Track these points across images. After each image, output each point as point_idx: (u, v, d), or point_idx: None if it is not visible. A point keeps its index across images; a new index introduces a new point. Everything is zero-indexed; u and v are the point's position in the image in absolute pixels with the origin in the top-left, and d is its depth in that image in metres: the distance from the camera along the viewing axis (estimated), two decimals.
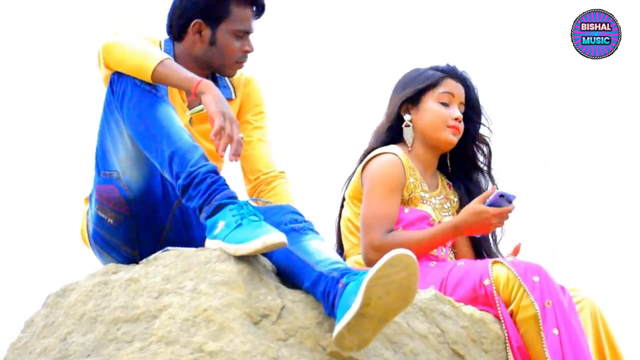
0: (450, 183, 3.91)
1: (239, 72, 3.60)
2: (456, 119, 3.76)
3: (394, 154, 3.72)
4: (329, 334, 2.90)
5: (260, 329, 2.88)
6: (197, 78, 3.18)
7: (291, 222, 3.09)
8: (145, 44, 3.27)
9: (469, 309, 3.34)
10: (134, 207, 3.25)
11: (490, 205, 3.54)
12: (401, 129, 3.80)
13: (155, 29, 3.61)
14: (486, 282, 3.39)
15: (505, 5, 6.73)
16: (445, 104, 3.77)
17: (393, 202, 3.66)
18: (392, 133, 3.81)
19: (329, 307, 2.89)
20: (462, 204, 3.83)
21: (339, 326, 2.81)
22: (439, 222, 3.73)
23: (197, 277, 2.93)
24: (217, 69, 3.53)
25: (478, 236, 3.79)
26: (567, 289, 3.46)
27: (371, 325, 2.82)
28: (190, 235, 3.36)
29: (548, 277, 3.37)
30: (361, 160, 3.78)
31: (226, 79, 3.63)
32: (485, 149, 3.88)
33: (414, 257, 2.80)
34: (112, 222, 3.28)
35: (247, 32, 3.52)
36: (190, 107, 3.49)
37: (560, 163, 6.66)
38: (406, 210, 3.70)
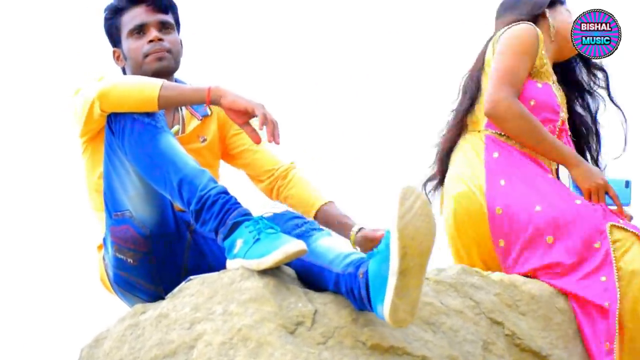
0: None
1: None
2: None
3: (530, 24, 3.70)
4: (366, 329, 2.90)
5: (298, 337, 2.88)
6: (204, 86, 3.17)
7: (293, 228, 3.09)
8: (134, 78, 3.27)
9: (497, 276, 3.34)
10: (151, 243, 3.24)
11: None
12: None
13: None
14: (597, 245, 3.39)
15: None
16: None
17: (522, 62, 3.63)
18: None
19: (358, 302, 2.90)
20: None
21: (388, 297, 2.75)
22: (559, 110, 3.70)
23: (225, 299, 2.93)
24: (146, 74, 3.44)
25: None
26: None
27: (414, 279, 2.76)
28: (209, 260, 3.35)
29: None
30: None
31: None
32: (600, 74, 3.91)
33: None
34: (132, 261, 3.27)
35: (141, 25, 3.49)
36: None
37: None
38: (539, 85, 3.68)
